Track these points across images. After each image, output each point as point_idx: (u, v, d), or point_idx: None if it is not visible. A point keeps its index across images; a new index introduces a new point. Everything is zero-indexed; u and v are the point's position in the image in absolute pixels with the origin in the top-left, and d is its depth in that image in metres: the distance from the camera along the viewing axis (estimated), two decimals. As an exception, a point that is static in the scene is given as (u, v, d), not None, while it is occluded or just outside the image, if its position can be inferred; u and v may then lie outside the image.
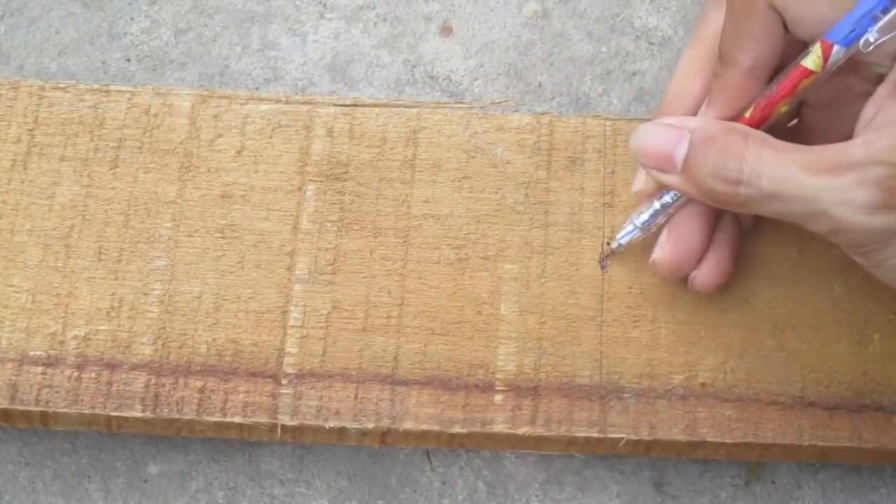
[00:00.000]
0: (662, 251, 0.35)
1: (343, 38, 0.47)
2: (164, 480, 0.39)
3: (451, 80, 0.46)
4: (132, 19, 0.47)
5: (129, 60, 0.46)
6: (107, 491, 0.39)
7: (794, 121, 0.37)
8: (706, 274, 0.35)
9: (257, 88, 0.46)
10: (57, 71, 0.46)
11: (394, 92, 0.46)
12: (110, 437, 0.39)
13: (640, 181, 0.36)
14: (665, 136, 0.32)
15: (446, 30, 0.47)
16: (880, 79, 0.32)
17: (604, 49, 0.45)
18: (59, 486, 0.39)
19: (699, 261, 0.35)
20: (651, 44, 0.47)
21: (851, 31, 0.30)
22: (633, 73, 0.46)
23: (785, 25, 0.31)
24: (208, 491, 0.39)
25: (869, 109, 0.31)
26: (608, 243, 0.38)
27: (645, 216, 0.35)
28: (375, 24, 0.47)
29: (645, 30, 0.47)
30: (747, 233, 0.38)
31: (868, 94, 0.32)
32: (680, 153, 0.32)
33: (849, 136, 0.31)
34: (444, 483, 0.40)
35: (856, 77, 0.33)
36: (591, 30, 0.34)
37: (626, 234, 0.36)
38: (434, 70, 0.46)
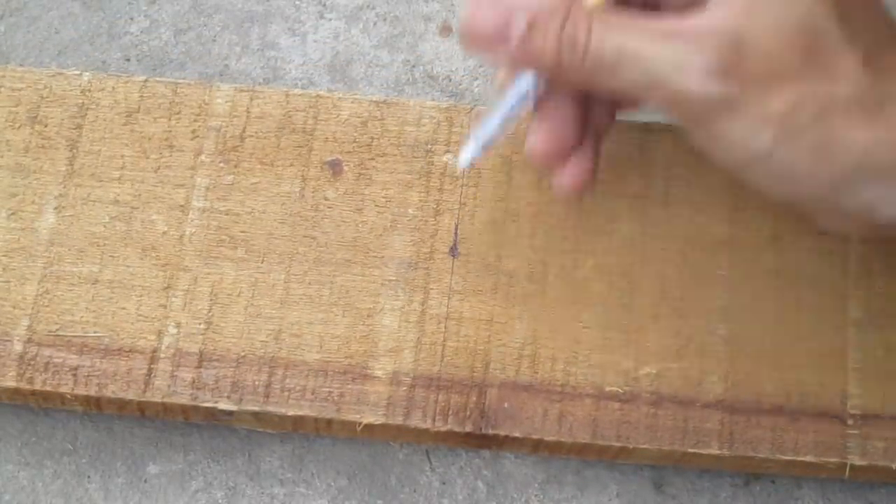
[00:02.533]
0: (537, 137, 0.33)
1: (343, 38, 0.47)
2: (163, 480, 0.39)
3: (450, 80, 0.46)
4: (132, 19, 0.47)
5: (128, 60, 0.46)
6: (107, 491, 0.39)
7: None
8: (573, 174, 0.35)
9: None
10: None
11: (393, 92, 0.46)
12: (110, 437, 0.40)
13: (500, 75, 0.34)
14: (497, 10, 0.30)
15: (446, 30, 0.47)
16: None
17: None
18: (59, 485, 0.39)
19: (573, 148, 0.34)
20: (651, 44, 0.47)
21: None
22: (633, 73, 0.46)
23: None
24: (208, 491, 0.39)
25: None
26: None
27: (490, 129, 0.33)
28: (375, 23, 0.47)
29: (645, 30, 0.47)
30: (603, 135, 0.37)
31: None
32: (519, 24, 0.30)
33: None
34: (443, 483, 0.40)
35: None
36: (591, 30, 0.34)
37: (472, 151, 0.34)
38: (434, 70, 0.46)
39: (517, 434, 0.36)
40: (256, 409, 0.36)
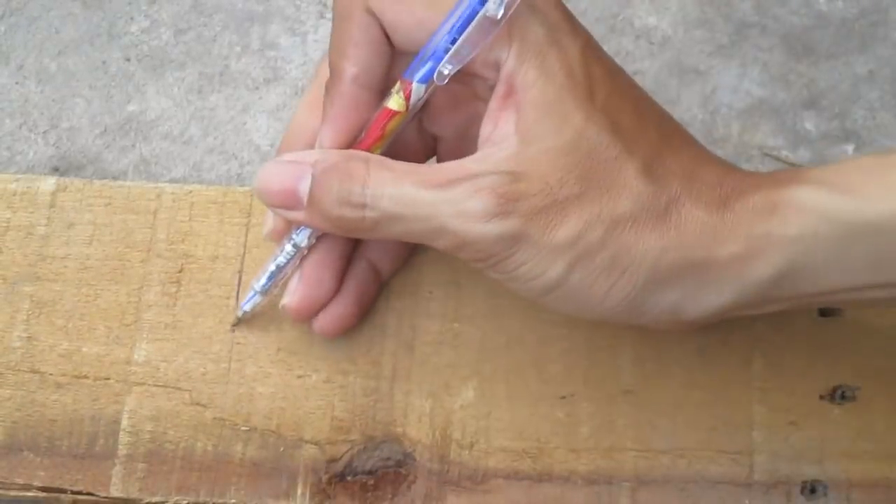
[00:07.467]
0: (292, 297, 0.34)
1: (343, 38, 0.47)
2: None
3: (450, 80, 0.46)
4: (132, 19, 0.47)
5: (128, 60, 0.47)
6: None
7: (434, 158, 0.36)
8: (325, 320, 0.35)
9: (257, 88, 0.46)
10: (57, 71, 0.46)
11: (394, 92, 0.46)
12: None
13: (270, 222, 0.34)
14: (286, 172, 0.31)
15: (446, 29, 0.47)
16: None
17: (603, 49, 0.45)
18: None
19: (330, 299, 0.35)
20: (651, 43, 0.47)
21: (427, 67, 0.30)
22: (634, 73, 0.46)
23: (386, 31, 0.30)
24: None
25: (486, 127, 0.30)
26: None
27: (263, 280, 0.35)
28: (375, 23, 0.47)
29: (645, 30, 0.47)
30: (385, 280, 0.37)
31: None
32: (304, 187, 0.31)
33: None
34: None
35: (477, 100, 0.32)
36: (591, 29, 0.34)
37: (248, 300, 0.35)
38: (434, 70, 0.46)
39: None
40: None
